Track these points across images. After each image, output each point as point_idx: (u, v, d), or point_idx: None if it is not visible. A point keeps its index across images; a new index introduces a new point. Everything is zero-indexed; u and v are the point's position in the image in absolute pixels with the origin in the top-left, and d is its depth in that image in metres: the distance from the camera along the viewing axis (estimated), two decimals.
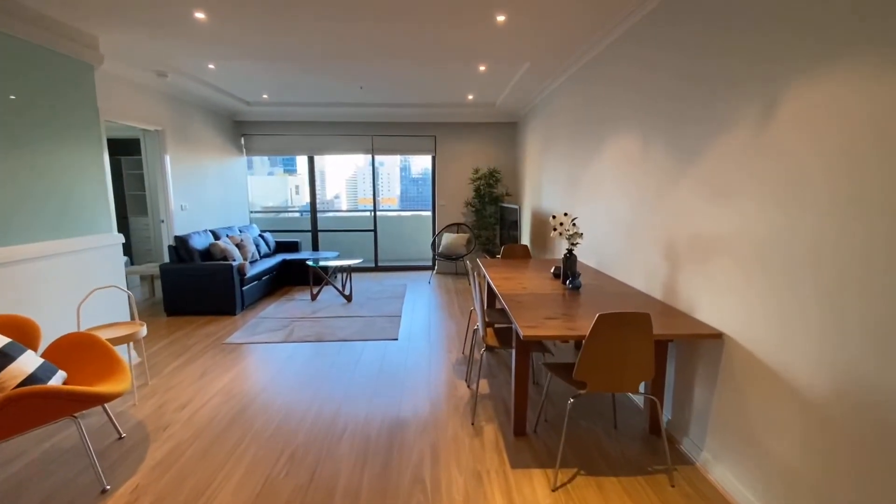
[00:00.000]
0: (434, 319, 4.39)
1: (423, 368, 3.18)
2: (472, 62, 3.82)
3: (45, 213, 2.65)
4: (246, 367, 3.24)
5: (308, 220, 7.29)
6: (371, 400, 2.71)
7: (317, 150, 6.71)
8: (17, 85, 2.47)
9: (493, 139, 6.60)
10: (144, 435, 2.35)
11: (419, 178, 34.33)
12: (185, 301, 4.55)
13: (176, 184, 4.96)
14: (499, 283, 2.83)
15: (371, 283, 6.11)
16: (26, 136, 2.53)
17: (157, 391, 2.85)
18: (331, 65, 3.90)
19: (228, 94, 5.11)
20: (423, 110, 5.97)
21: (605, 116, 3.18)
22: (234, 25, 2.91)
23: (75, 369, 2.17)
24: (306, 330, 4.06)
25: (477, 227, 6.56)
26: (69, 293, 2.80)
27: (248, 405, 2.66)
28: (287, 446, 2.23)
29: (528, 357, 2.27)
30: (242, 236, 5.41)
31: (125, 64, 3.76)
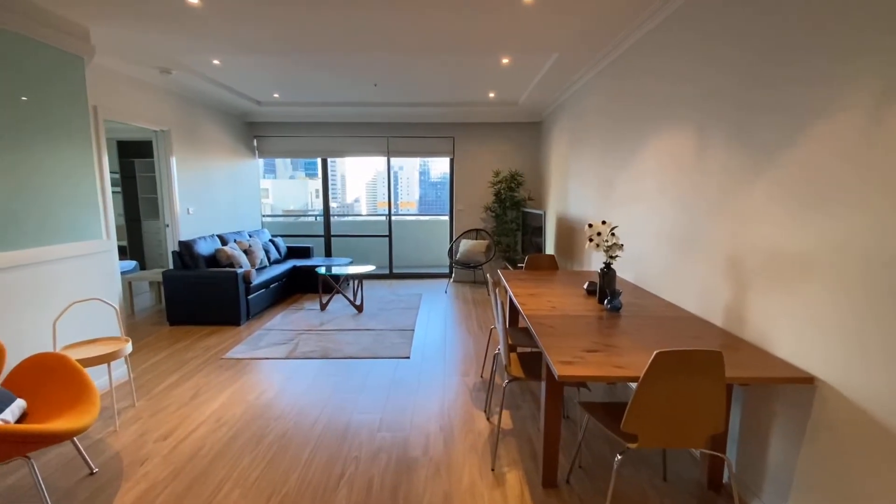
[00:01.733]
0: (450, 335, 4.03)
1: (436, 394, 2.83)
2: (495, 54, 3.47)
3: (26, 218, 2.41)
4: (242, 386, 2.94)
5: (321, 224, 7.04)
6: (375, 433, 2.37)
7: (331, 152, 6.46)
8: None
9: (515, 140, 6.22)
10: (118, 471, 2.06)
11: (438, 182, 34.27)
12: (187, 310, 4.31)
13: (182, 186, 4.75)
14: (524, 301, 2.46)
15: (384, 292, 5.79)
16: (7, 134, 2.30)
17: (143, 415, 2.58)
18: (342, 59, 3.61)
19: (238, 93, 4.88)
20: (441, 110, 5.65)
21: (645, 113, 2.79)
22: (230, 12, 2.64)
23: (38, 397, 1.90)
24: (312, 344, 3.75)
25: (497, 234, 6.19)
26: (49, 307, 2.55)
27: (238, 435, 2.35)
28: (276, 492, 1.91)
29: (560, 395, 1.89)
30: (251, 241, 5.17)
31: (125, 60, 3.55)
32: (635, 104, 2.95)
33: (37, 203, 2.48)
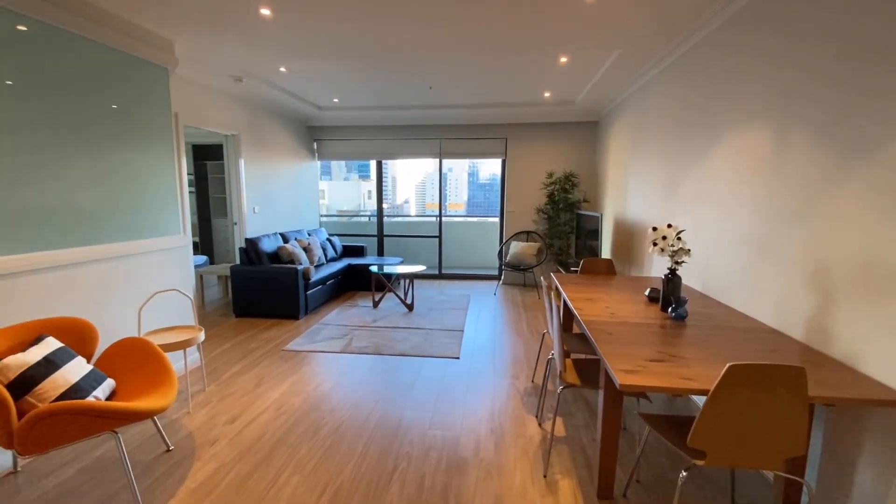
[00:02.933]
0: (500, 338, 3.99)
1: (486, 397, 2.81)
2: (553, 53, 3.41)
3: (122, 214, 2.68)
4: (301, 378, 3.08)
5: (374, 224, 7.24)
6: (427, 432, 2.39)
7: (385, 154, 6.62)
8: (95, 88, 2.50)
9: (570, 140, 6.07)
10: (191, 449, 2.23)
11: (487, 184, 34.08)
12: (252, 303, 4.58)
13: (249, 187, 5.07)
14: (580, 306, 2.39)
15: (434, 292, 5.85)
16: (104, 138, 2.56)
17: (212, 399, 2.77)
18: (399, 63, 3.69)
19: (301, 99, 5.13)
20: (494, 111, 5.62)
21: (716, 111, 2.61)
22: (298, 22, 2.78)
23: (125, 377, 2.09)
24: (365, 340, 3.86)
25: (549, 236, 6.06)
26: (136, 295, 2.81)
27: (297, 424, 2.46)
28: (331, 482, 1.98)
29: (619, 404, 1.82)
30: (310, 240, 5.41)
31: (202, 69, 3.84)
32: (705, 102, 2.78)
33: (126, 201, 2.74)
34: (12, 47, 2.07)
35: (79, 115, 2.41)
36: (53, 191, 2.27)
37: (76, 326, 2.08)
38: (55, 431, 1.56)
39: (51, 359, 1.76)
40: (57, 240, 2.29)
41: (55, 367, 1.75)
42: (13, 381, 1.63)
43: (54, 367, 1.74)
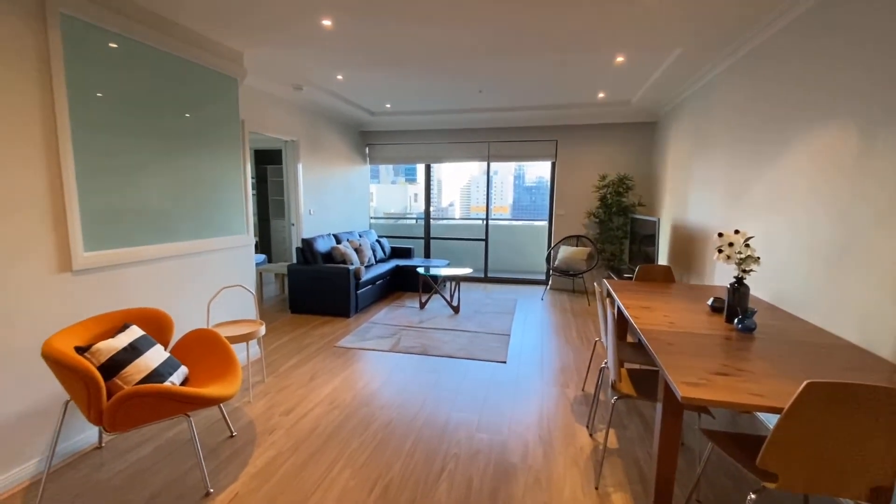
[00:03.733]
0: (548, 344, 3.92)
1: (534, 403, 2.77)
2: (610, 53, 3.31)
3: (196, 215, 2.90)
4: (352, 374, 3.19)
5: (421, 226, 7.34)
6: (474, 435, 2.39)
7: (434, 158, 6.71)
8: (173, 99, 2.73)
9: (625, 142, 5.86)
10: (252, 436, 2.36)
11: (533, 187, 33.61)
12: (306, 300, 4.79)
13: (306, 190, 5.31)
14: (636, 314, 2.30)
15: (479, 295, 5.84)
16: (180, 146, 2.78)
17: (271, 390, 2.92)
18: (453, 67, 3.74)
19: (355, 105, 5.32)
20: (544, 113, 5.54)
21: (792, 109, 2.43)
22: (357, 31, 2.89)
23: (196, 365, 2.25)
24: (412, 340, 3.92)
25: (601, 241, 5.88)
26: (204, 289, 3.02)
27: (348, 419, 2.54)
28: (381, 477, 2.03)
29: (679, 418, 1.73)
30: (361, 241, 5.58)
31: (267, 79, 4.08)
32: (779, 98, 2.59)
33: (198, 203, 2.96)
34: (104, 63, 2.30)
35: (158, 124, 2.63)
36: (136, 194, 2.50)
37: (155, 316, 2.27)
38: (138, 412, 1.71)
39: (135, 345, 1.93)
40: (139, 238, 2.52)
41: (138, 352, 1.92)
42: (103, 364, 1.81)
43: (138, 352, 1.91)
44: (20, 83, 1.92)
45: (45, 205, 2.03)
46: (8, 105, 1.88)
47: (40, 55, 1.99)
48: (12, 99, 1.89)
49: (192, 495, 1.90)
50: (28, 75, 1.95)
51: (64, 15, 2.08)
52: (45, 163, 2.02)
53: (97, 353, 1.81)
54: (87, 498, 1.88)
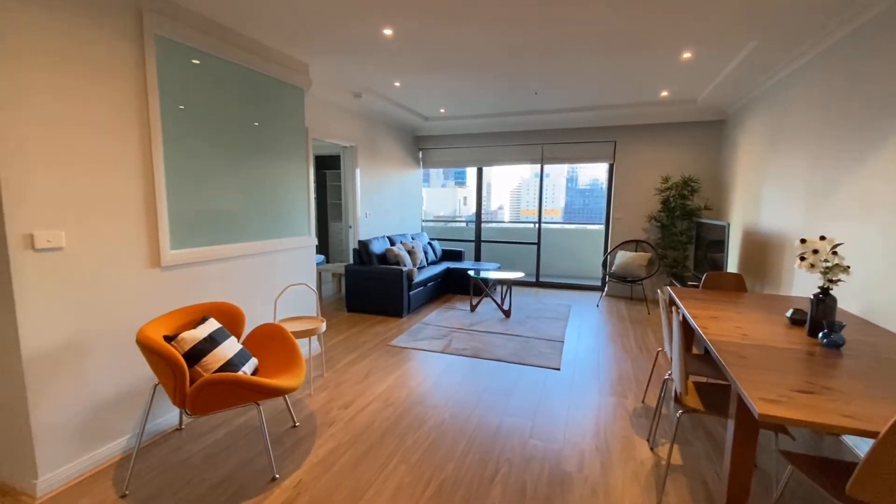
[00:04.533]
0: (604, 352, 3.79)
1: (590, 412, 2.69)
2: (676, 48, 3.16)
3: (264, 217, 3.10)
4: (405, 372, 3.26)
5: (471, 229, 7.36)
6: (528, 440, 2.37)
7: (486, 161, 6.71)
8: (246, 109, 2.94)
9: (690, 142, 5.55)
10: (313, 427, 2.48)
11: (586, 189, 32.52)
12: (362, 299, 4.96)
13: (363, 193, 5.51)
14: (704, 324, 2.17)
15: (531, 300, 5.76)
16: (255, 153, 2.99)
17: (329, 384, 3.06)
18: (510, 69, 3.73)
19: (410, 111, 5.45)
20: (602, 113, 5.38)
21: (888, 104, 2.19)
22: (416, 38, 2.96)
23: (265, 358, 2.41)
24: (463, 343, 3.94)
25: (662, 246, 5.60)
26: (271, 286, 3.22)
27: (402, 417, 2.60)
28: (435, 476, 2.06)
29: (754, 437, 1.61)
30: (414, 243, 5.69)
31: (329, 87, 4.29)
32: (872, 95, 2.35)
33: (267, 205, 3.16)
34: (187, 78, 2.52)
35: (231, 133, 2.84)
36: (212, 198, 2.72)
37: (229, 311, 2.45)
38: (216, 397, 1.86)
39: (213, 336, 2.10)
40: (215, 238, 2.73)
41: (216, 343, 2.08)
42: (187, 352, 1.98)
43: (215, 343, 2.08)
44: (123, 99, 2.16)
45: (141, 208, 2.26)
46: (115, 120, 2.12)
47: (138, 73, 2.22)
48: (118, 115, 2.13)
49: (261, 479, 2.03)
50: (129, 92, 2.19)
51: (158, 36, 2.31)
52: (141, 171, 2.26)
53: (182, 342, 1.99)
54: (169, 475, 2.07)
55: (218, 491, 1.94)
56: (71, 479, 2.02)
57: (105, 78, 2.08)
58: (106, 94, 2.08)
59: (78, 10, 1.96)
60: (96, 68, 2.04)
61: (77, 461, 2.05)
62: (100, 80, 2.05)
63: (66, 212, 1.95)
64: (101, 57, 2.05)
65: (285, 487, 1.97)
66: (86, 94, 2.00)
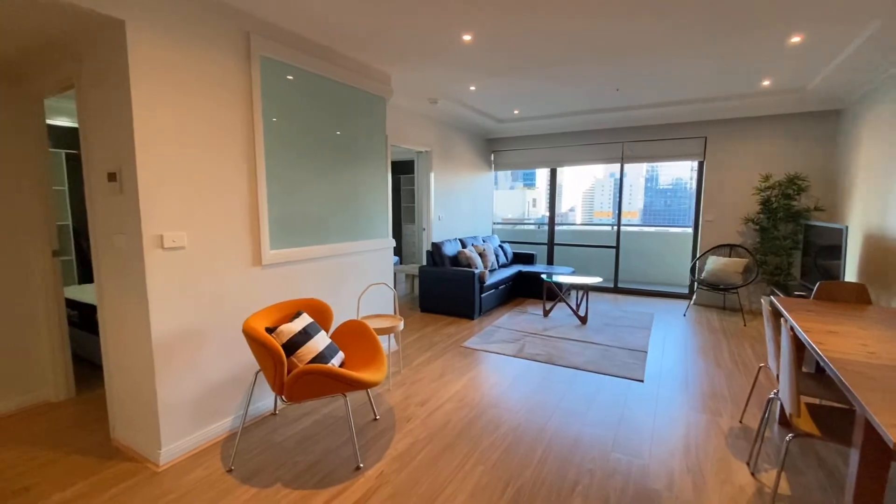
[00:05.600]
0: (694, 366, 3.51)
1: (679, 429, 2.51)
2: (783, 32, 2.86)
3: (349, 220, 3.30)
4: (479, 374, 3.27)
5: (543, 232, 7.20)
6: (610, 453, 2.26)
7: (560, 161, 6.54)
8: (332, 119, 3.14)
9: (796, 135, 4.97)
10: (392, 422, 2.58)
11: (668, 189, 30.34)
12: (434, 300, 5.07)
13: (436, 197, 5.63)
14: (819, 339, 1.93)
15: (608, 306, 5.49)
16: (341, 161, 3.19)
17: (406, 381, 3.16)
18: (591, 67, 3.61)
19: (484, 114, 5.47)
20: (691, 107, 4.99)
21: None
22: (495, 41, 2.97)
23: (350, 352, 2.55)
24: (537, 348, 3.87)
25: (761, 251, 5.06)
26: (352, 285, 3.40)
27: (477, 418, 2.62)
28: (513, 479, 2.04)
29: (884, 471, 1.41)
30: (485, 246, 5.70)
31: (406, 95, 4.44)
32: None
33: (350, 209, 3.34)
34: (282, 92, 2.75)
35: (318, 142, 3.05)
36: (303, 203, 2.93)
37: (319, 307, 2.63)
38: (309, 386, 2.01)
39: (306, 330, 2.27)
40: (305, 239, 2.95)
41: (309, 336, 2.25)
42: (284, 344, 2.16)
43: (308, 336, 2.24)
44: (234, 117, 2.42)
45: (246, 213, 2.51)
46: (226, 136, 2.38)
47: (245, 92, 2.47)
48: (229, 132, 2.39)
49: (346, 466, 2.15)
50: (237, 110, 2.44)
51: (262, 57, 2.55)
52: (246, 181, 2.51)
53: (280, 334, 2.17)
54: (267, 455, 2.26)
55: (309, 474, 2.09)
56: (186, 452, 2.29)
57: (218, 99, 2.34)
58: (220, 114, 2.34)
59: (197, 39, 2.23)
60: (212, 90, 2.30)
61: (192, 436, 2.32)
62: (215, 100, 2.32)
63: (188, 216, 2.22)
64: (215, 79, 2.32)
65: (369, 477, 2.07)
66: (202, 113, 2.27)
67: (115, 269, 2.22)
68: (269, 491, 1.97)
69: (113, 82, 2.03)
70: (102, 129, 2.13)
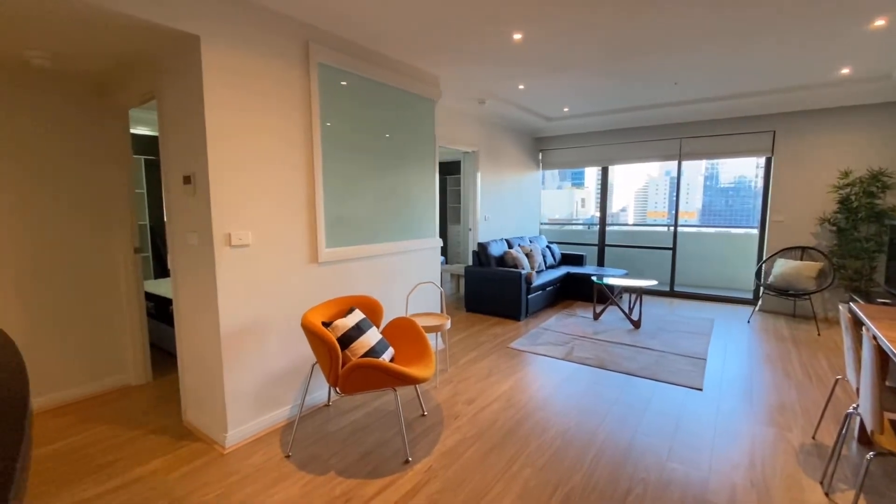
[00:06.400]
0: (760, 376, 3.28)
1: (743, 442, 2.36)
2: (865, 14, 2.61)
3: (398, 220, 3.38)
4: (526, 376, 3.24)
5: (592, 233, 6.99)
6: (665, 463, 2.17)
7: (612, 159, 6.33)
8: (382, 122, 3.23)
9: (879, 128, 4.51)
10: (440, 418, 2.62)
11: (729, 188, 28.44)
12: (480, 301, 5.07)
13: (483, 197, 5.63)
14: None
15: (663, 311, 5.25)
16: (391, 162, 3.28)
17: (453, 379, 3.19)
18: (647, 61, 3.47)
19: (533, 112, 5.40)
20: (758, 100, 4.67)
21: None
22: (546, 39, 2.94)
23: (399, 348, 2.61)
24: (587, 351, 3.77)
25: (838, 254, 4.64)
26: (401, 283, 3.48)
27: (525, 420, 2.59)
28: (562, 483, 2.01)
29: None
30: (532, 246, 5.63)
31: (454, 96, 4.48)
32: None
33: (401, 209, 3.42)
34: (336, 97, 2.85)
35: (369, 144, 3.14)
36: (355, 203, 3.04)
37: (370, 303, 2.72)
38: (363, 379, 2.08)
39: (359, 325, 2.35)
40: (357, 238, 3.05)
41: (362, 332, 2.33)
42: (339, 338, 2.26)
43: (361, 332, 2.33)
44: (293, 125, 2.55)
45: (304, 213, 2.64)
46: (290, 136, 2.52)
47: (304, 99, 2.60)
48: (292, 132, 2.53)
49: (395, 459, 2.20)
50: (297, 117, 2.57)
51: (320, 64, 2.67)
52: (304, 183, 2.64)
53: (336, 329, 2.27)
54: (322, 444, 2.37)
55: (360, 464, 2.17)
56: (248, 436, 2.44)
57: (280, 105, 2.48)
58: (281, 119, 2.48)
59: (261, 49, 2.37)
60: (274, 98, 2.44)
61: (254, 422, 2.47)
62: (277, 106, 2.46)
63: (252, 216, 2.37)
64: (277, 87, 2.46)
65: (417, 471, 2.11)
66: (266, 119, 2.41)
67: (188, 265, 2.41)
68: (324, 478, 2.06)
69: (188, 93, 2.21)
70: (179, 136, 2.33)
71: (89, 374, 2.98)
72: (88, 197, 2.93)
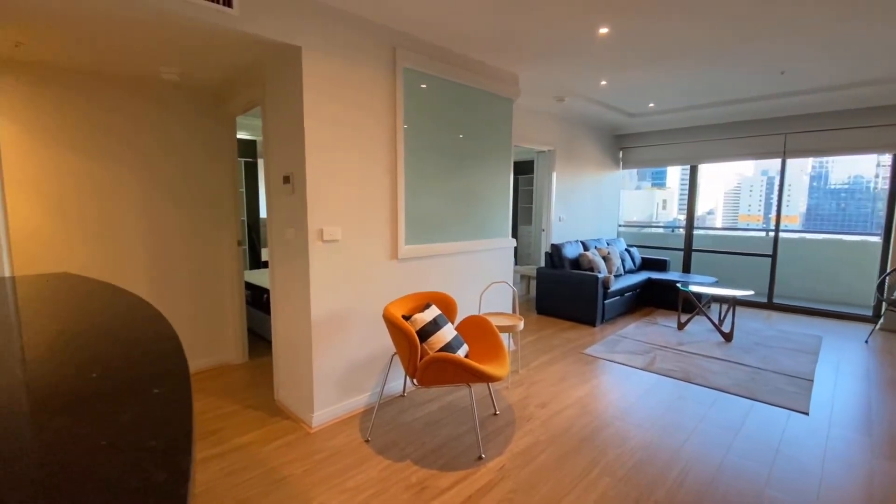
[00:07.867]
0: (880, 403, 2.87)
1: (859, 474, 2.08)
2: None
3: (472, 219, 3.42)
4: (602, 383, 3.12)
5: (676, 236, 6.52)
6: (764, 489, 1.98)
7: (701, 157, 5.86)
8: (460, 122, 3.27)
9: None
10: (512, 419, 2.61)
11: (842, 189, 24.99)
12: (552, 303, 4.96)
13: (557, 197, 5.49)
14: None
15: (759, 324, 4.76)
16: (466, 162, 3.32)
17: (524, 382, 3.16)
18: (757, 46, 3.18)
19: (614, 109, 5.17)
20: (883, 88, 4.07)
21: None
22: (635, 32, 2.80)
23: (473, 345, 2.64)
24: (671, 363, 3.53)
25: None
26: (474, 281, 3.51)
27: (602, 428, 2.50)
28: (643, 498, 1.91)
29: None
30: (609, 249, 5.39)
31: (532, 94, 4.42)
32: None
33: (476, 209, 3.45)
34: (417, 99, 2.94)
35: (446, 144, 3.19)
36: (432, 203, 3.11)
37: (445, 300, 2.78)
38: (440, 373, 2.14)
39: (436, 320, 2.42)
40: (433, 236, 3.13)
41: (438, 327, 2.39)
42: (418, 331, 2.34)
43: (438, 327, 2.39)
44: (381, 121, 2.68)
45: (387, 212, 2.77)
46: (377, 138, 2.65)
47: (389, 99, 2.73)
48: (378, 134, 2.66)
49: (468, 455, 2.24)
50: (384, 120, 2.70)
51: (405, 69, 2.78)
52: (388, 184, 2.76)
53: (415, 322, 2.36)
54: (398, 432, 2.47)
55: (434, 456, 2.23)
56: (332, 418, 2.61)
57: (370, 109, 2.62)
58: (370, 122, 2.63)
59: (354, 56, 2.52)
60: (364, 101, 2.59)
61: (337, 405, 2.64)
62: (367, 110, 2.60)
63: (342, 213, 2.54)
64: (367, 91, 2.60)
65: (490, 469, 2.12)
66: (356, 122, 2.57)
67: (284, 258, 2.64)
68: (401, 465, 2.15)
69: (289, 99, 2.41)
70: (280, 139, 2.55)
71: (199, 351, 3.37)
72: (203, 196, 3.31)
